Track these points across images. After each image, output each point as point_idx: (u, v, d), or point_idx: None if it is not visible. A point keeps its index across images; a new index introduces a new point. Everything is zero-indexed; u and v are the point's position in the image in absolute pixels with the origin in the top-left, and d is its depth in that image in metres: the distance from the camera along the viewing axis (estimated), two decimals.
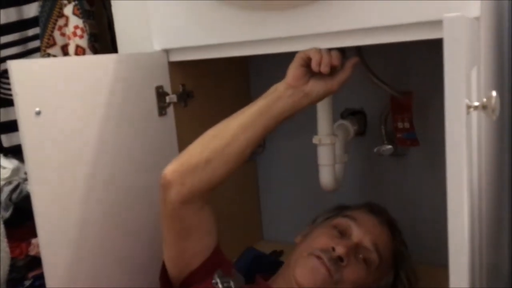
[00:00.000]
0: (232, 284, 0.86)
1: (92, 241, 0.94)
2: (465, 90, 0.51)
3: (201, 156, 0.86)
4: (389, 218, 0.99)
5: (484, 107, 0.52)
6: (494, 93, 0.52)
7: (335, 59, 0.83)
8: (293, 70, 0.85)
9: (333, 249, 0.89)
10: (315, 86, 0.85)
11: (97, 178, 0.94)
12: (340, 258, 0.88)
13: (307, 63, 0.84)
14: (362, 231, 0.93)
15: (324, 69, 0.82)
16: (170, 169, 0.86)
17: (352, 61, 0.87)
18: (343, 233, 0.93)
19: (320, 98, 0.87)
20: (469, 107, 0.52)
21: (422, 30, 0.79)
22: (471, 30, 0.63)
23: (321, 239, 0.92)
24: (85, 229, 0.93)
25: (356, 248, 0.91)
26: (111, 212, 0.97)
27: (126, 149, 1.00)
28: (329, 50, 0.85)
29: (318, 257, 0.88)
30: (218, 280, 0.86)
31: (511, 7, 1.01)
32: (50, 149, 0.87)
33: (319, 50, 0.83)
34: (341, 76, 0.86)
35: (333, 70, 0.85)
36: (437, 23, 0.74)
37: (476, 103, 0.52)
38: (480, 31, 0.76)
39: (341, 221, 0.95)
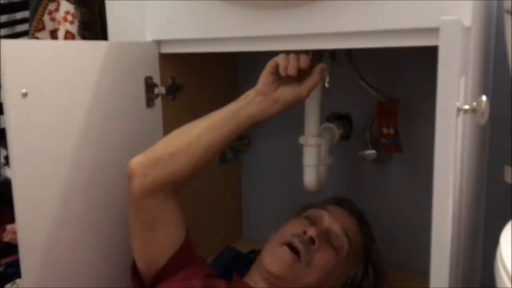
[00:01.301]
0: None
1: (72, 229, 0.93)
2: (456, 92, 0.52)
3: (165, 151, 0.90)
4: (357, 210, 1.04)
5: (474, 110, 0.53)
6: (484, 98, 0.53)
7: (303, 62, 0.87)
8: (263, 77, 0.90)
9: (305, 232, 0.92)
10: (283, 92, 0.90)
11: (80, 165, 0.93)
12: (311, 240, 0.91)
13: (276, 70, 0.89)
14: (332, 218, 0.97)
15: (291, 71, 0.87)
16: (135, 161, 0.89)
17: (320, 66, 0.91)
18: (315, 222, 0.97)
19: (290, 104, 0.91)
20: (459, 109, 0.53)
21: (412, 37, 0.80)
22: (464, 38, 0.65)
23: (293, 226, 0.96)
24: (65, 216, 0.91)
25: (326, 233, 0.94)
26: (93, 199, 0.96)
27: (111, 137, 0.99)
28: (298, 54, 0.88)
29: (288, 243, 0.90)
30: None
31: (497, 19, 1.03)
32: (35, 133, 0.86)
33: (287, 56, 0.88)
34: (309, 82, 0.90)
35: (303, 77, 0.89)
36: (427, 31, 0.76)
37: (466, 106, 0.53)
38: (470, 41, 0.78)
39: (312, 211, 1.00)
